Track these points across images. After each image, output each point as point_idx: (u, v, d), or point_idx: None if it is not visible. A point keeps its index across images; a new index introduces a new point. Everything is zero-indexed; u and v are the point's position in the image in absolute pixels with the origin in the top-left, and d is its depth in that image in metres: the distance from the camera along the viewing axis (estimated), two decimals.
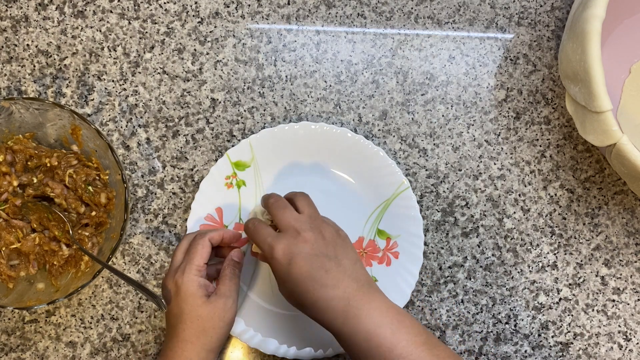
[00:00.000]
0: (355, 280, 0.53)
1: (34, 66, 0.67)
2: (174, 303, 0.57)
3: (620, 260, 0.69)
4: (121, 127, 0.67)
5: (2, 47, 0.67)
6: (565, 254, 0.68)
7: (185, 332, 0.56)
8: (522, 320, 0.68)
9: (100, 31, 0.67)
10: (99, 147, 0.62)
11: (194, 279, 0.57)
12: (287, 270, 0.53)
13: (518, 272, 0.68)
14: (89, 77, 0.67)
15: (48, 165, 0.62)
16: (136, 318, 0.67)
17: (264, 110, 0.68)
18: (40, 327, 0.67)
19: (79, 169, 0.62)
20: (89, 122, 0.60)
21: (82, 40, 0.67)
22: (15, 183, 0.62)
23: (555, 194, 0.68)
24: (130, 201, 0.65)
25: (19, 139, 0.63)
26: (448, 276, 0.68)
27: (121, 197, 0.61)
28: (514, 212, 0.68)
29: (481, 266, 0.68)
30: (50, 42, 0.67)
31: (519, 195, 0.68)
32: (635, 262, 0.69)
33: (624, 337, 0.69)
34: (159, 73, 0.67)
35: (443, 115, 0.68)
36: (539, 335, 0.68)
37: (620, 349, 0.69)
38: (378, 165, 0.65)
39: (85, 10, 0.67)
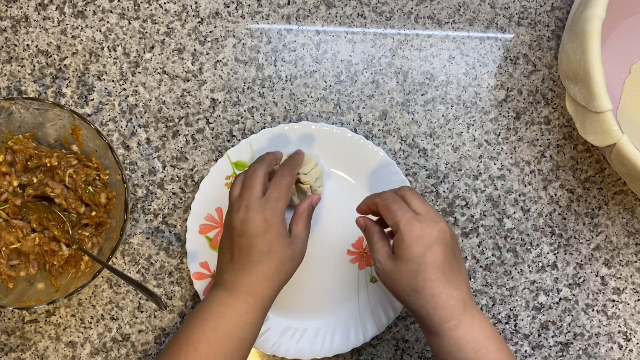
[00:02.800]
0: (468, 288, 0.53)
1: (34, 66, 0.67)
2: (262, 240, 0.55)
3: (620, 260, 0.69)
4: (121, 127, 0.67)
5: (2, 47, 0.67)
6: (565, 254, 0.68)
7: (270, 270, 0.55)
8: (522, 320, 0.68)
9: (100, 31, 0.67)
10: (99, 147, 0.62)
11: (283, 218, 0.56)
12: (421, 253, 0.51)
13: (518, 272, 0.68)
14: (89, 77, 0.67)
15: (48, 165, 0.62)
16: (136, 318, 0.67)
17: (264, 110, 0.68)
18: (40, 327, 0.67)
19: (79, 169, 0.62)
20: (89, 122, 0.60)
21: (82, 40, 0.67)
22: (15, 183, 0.62)
23: (555, 194, 0.68)
24: (130, 201, 0.65)
25: (19, 139, 0.63)
26: None
27: (121, 197, 0.61)
28: (514, 212, 0.68)
29: (481, 266, 0.68)
30: (50, 42, 0.67)
31: (519, 195, 0.68)
32: (635, 262, 0.69)
33: (624, 337, 0.69)
34: (158, 73, 0.67)
35: (443, 115, 0.68)
36: (539, 335, 0.68)
37: (620, 349, 0.69)
38: (378, 165, 0.65)
39: (85, 10, 0.67)
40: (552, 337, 0.68)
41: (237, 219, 0.56)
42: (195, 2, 0.67)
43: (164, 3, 0.67)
